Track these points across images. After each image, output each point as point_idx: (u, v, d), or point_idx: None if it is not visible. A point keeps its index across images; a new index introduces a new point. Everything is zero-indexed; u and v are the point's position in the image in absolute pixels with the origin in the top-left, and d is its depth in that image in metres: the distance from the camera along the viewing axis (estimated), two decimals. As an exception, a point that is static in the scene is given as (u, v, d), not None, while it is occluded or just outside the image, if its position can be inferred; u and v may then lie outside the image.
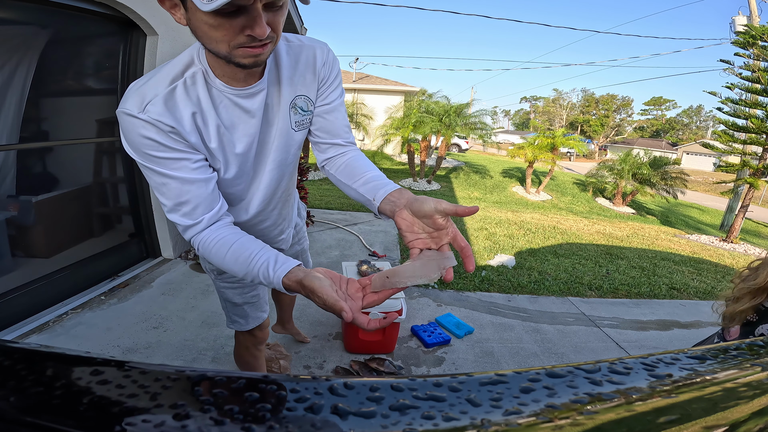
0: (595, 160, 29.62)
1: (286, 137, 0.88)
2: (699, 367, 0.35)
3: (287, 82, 0.83)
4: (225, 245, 0.77)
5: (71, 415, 0.26)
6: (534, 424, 0.27)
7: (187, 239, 0.81)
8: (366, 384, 0.30)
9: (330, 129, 0.92)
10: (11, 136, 2.01)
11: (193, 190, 0.77)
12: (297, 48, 0.85)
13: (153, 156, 0.73)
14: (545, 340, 2.38)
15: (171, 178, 0.75)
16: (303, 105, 0.87)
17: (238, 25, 0.62)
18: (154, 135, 0.72)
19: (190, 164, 0.77)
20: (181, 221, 0.79)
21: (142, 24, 2.45)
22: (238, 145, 0.82)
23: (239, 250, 0.75)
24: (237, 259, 0.75)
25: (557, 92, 54.20)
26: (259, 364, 1.37)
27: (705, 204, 15.83)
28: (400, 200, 0.76)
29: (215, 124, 0.78)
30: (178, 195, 0.77)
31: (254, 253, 0.74)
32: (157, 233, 2.91)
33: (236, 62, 0.68)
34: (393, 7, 12.61)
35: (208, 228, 0.80)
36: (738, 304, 1.13)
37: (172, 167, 0.75)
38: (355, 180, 0.87)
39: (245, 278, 0.76)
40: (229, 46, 0.65)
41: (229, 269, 0.77)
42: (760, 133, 7.00)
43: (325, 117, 0.91)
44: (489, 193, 10.79)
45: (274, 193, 0.99)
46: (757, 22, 9.29)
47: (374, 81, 16.08)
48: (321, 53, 0.87)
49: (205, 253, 0.79)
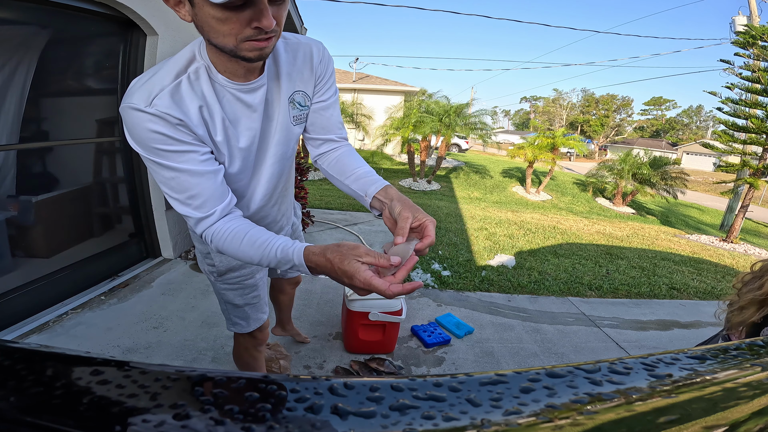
0: (595, 160, 29.63)
1: (286, 131, 0.90)
2: (699, 367, 0.35)
3: (286, 77, 0.85)
4: (239, 235, 0.78)
5: (71, 415, 0.26)
6: (534, 424, 0.27)
7: (199, 232, 0.82)
8: (366, 384, 0.30)
9: (325, 125, 0.95)
10: (11, 136, 2.01)
11: (203, 182, 0.78)
12: (294, 45, 0.87)
13: (161, 150, 0.74)
14: (545, 340, 2.38)
15: (180, 171, 0.76)
16: (301, 100, 0.89)
17: (245, 18, 0.64)
18: (162, 128, 0.72)
19: (198, 156, 0.77)
20: (193, 214, 0.79)
21: (142, 24, 2.45)
22: (241, 139, 0.84)
23: (255, 235, 0.77)
24: (253, 244, 0.77)
25: (557, 92, 54.22)
26: (259, 365, 1.37)
27: (705, 204, 15.83)
28: (384, 199, 0.83)
29: (220, 118, 0.79)
30: (187, 188, 0.77)
31: (271, 237, 0.77)
32: (157, 233, 2.91)
33: (242, 56, 0.69)
34: (393, 7, 12.61)
35: (221, 220, 0.81)
36: (744, 314, 1.10)
37: (180, 160, 0.75)
38: (347, 176, 0.91)
39: (261, 262, 0.77)
40: (237, 39, 0.67)
41: (244, 256, 0.78)
42: (760, 133, 6.99)
43: (320, 113, 0.94)
44: (489, 193, 10.79)
45: (275, 188, 1.00)
46: (757, 22, 9.29)
47: (374, 81, 16.07)
48: (317, 51, 0.89)
49: (219, 244, 0.80)
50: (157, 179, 0.78)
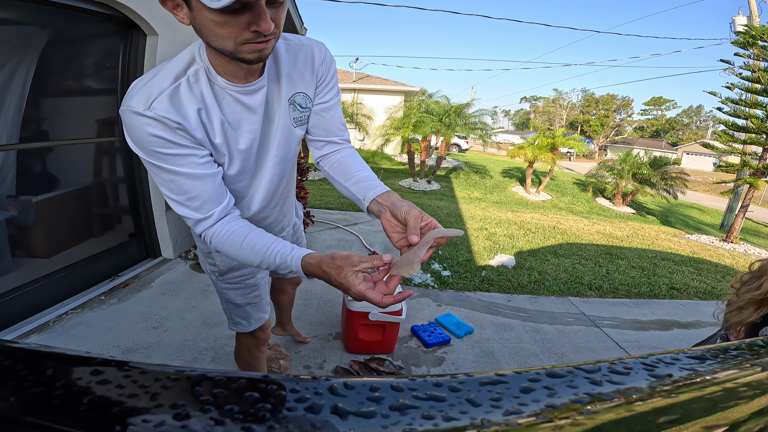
0: (595, 160, 29.62)
1: (286, 133, 0.90)
2: (699, 367, 0.35)
3: (286, 79, 0.85)
4: (239, 237, 0.79)
5: (71, 415, 0.26)
6: (534, 424, 0.27)
7: (198, 233, 0.83)
8: (366, 384, 0.30)
9: (327, 127, 0.95)
10: (11, 136, 2.01)
11: (201, 185, 0.78)
12: (296, 46, 0.87)
13: (160, 153, 0.74)
14: (545, 340, 2.38)
15: (179, 174, 0.76)
16: (302, 102, 0.89)
17: (244, 21, 0.64)
18: (160, 132, 0.72)
19: (197, 159, 0.78)
20: (192, 215, 0.80)
21: (142, 24, 2.45)
22: (241, 141, 0.84)
23: (254, 239, 0.79)
24: (253, 248, 0.78)
25: (557, 92, 54.22)
26: (261, 365, 1.37)
27: (705, 204, 15.83)
28: (385, 203, 0.82)
29: (219, 120, 0.79)
30: (186, 190, 0.78)
31: (270, 242, 0.78)
32: (157, 233, 2.91)
33: (241, 58, 0.69)
34: (393, 7, 12.61)
35: (220, 221, 0.81)
36: (742, 314, 1.10)
37: (180, 163, 0.76)
38: (347, 179, 0.91)
39: (260, 265, 0.79)
40: (235, 42, 0.67)
41: (243, 259, 0.80)
42: (760, 133, 6.99)
43: (322, 115, 0.93)
44: (489, 193, 10.79)
45: (276, 190, 1.00)
46: (757, 22, 9.29)
47: (374, 81, 16.07)
48: (319, 52, 0.89)
49: (218, 245, 0.81)
50: (157, 181, 0.79)
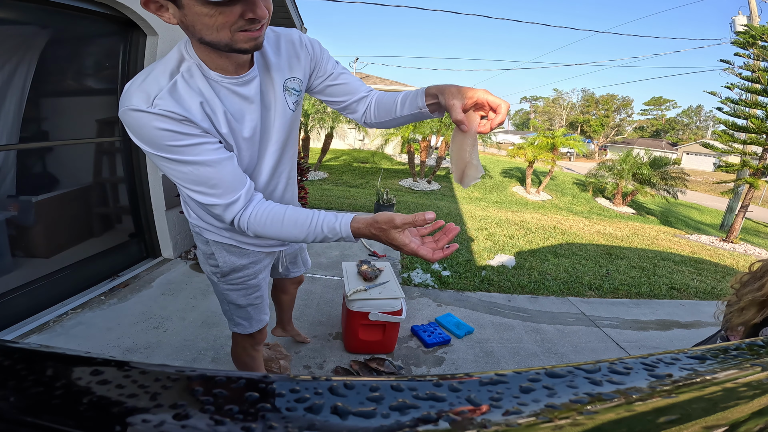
0: (595, 160, 29.62)
1: (284, 117, 0.93)
2: (699, 367, 0.35)
3: (275, 67, 0.88)
4: (278, 215, 0.81)
5: (71, 415, 0.26)
6: (534, 424, 0.27)
7: (229, 220, 0.82)
8: (366, 384, 0.30)
9: (349, 90, 1.00)
10: (11, 136, 2.01)
11: (221, 170, 0.79)
12: (275, 37, 0.90)
13: (173, 146, 0.74)
14: (545, 340, 2.38)
15: (197, 164, 0.76)
16: (295, 86, 0.92)
17: (237, 11, 0.66)
18: (168, 125, 0.72)
19: (210, 146, 0.78)
20: (218, 202, 0.80)
21: (142, 24, 2.45)
22: (245, 130, 0.86)
23: (294, 214, 0.80)
24: (296, 223, 0.79)
25: (557, 92, 54.25)
26: (257, 365, 1.38)
27: (705, 204, 15.83)
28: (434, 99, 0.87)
29: (222, 111, 0.80)
30: (208, 178, 0.78)
31: (311, 214, 0.80)
32: (157, 233, 2.91)
33: (237, 48, 0.71)
34: (393, 7, 12.60)
35: (250, 204, 0.82)
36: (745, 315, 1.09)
37: (194, 153, 0.76)
38: (395, 110, 0.96)
39: (306, 239, 0.80)
40: (230, 31, 0.68)
41: (288, 236, 0.81)
42: (760, 133, 7.00)
43: (337, 84, 0.98)
44: (489, 193, 10.80)
45: (279, 175, 1.02)
46: (757, 22, 9.29)
47: (374, 81, 16.08)
48: (297, 36, 0.93)
49: (258, 227, 0.82)
50: (174, 176, 0.78)
